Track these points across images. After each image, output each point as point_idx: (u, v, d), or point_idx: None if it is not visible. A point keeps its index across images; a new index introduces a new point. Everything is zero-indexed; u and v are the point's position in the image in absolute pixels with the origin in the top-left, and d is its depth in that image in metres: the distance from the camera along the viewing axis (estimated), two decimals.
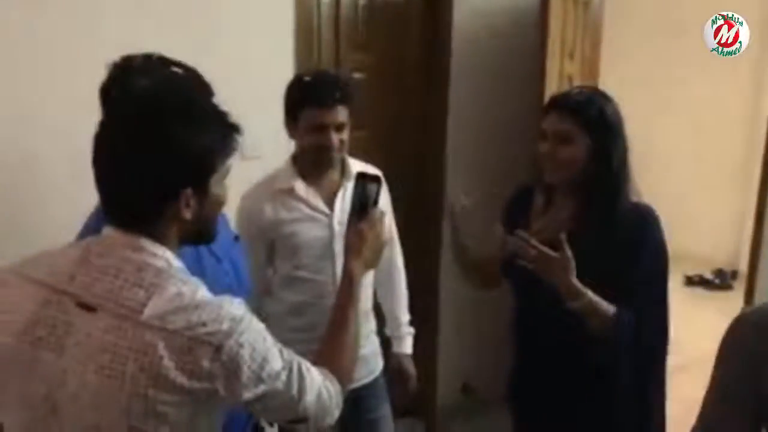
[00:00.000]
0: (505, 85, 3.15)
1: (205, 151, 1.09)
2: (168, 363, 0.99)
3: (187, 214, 1.09)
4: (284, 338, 1.97)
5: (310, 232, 1.98)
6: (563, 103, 1.75)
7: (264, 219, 1.97)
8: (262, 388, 1.07)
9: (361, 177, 1.57)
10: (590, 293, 1.63)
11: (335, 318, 1.35)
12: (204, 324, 1.02)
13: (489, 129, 3.17)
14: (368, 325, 2.15)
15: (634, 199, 1.76)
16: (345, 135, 1.94)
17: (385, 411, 2.23)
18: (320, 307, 1.94)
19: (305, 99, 1.90)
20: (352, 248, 1.45)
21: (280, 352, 1.13)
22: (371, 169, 2.11)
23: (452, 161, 3.12)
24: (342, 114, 1.91)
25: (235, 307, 1.07)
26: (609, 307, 1.64)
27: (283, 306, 2.06)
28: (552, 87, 2.76)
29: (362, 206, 1.52)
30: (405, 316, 2.27)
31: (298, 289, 2.01)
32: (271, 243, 2.01)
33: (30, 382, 1.05)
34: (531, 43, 2.94)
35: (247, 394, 1.06)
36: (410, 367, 2.28)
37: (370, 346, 2.17)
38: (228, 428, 1.24)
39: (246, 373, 1.04)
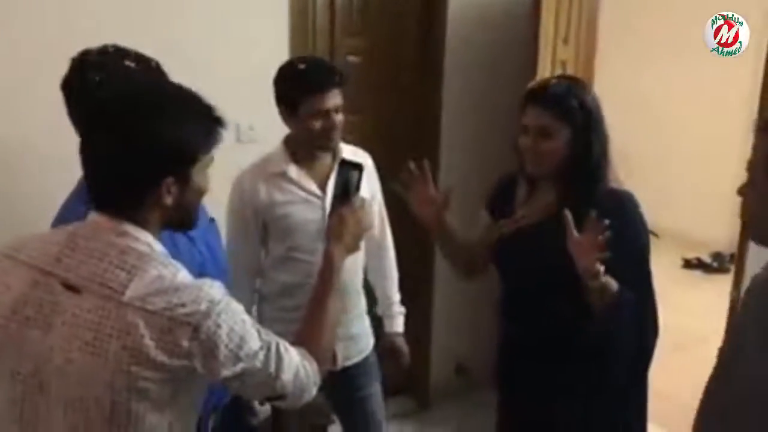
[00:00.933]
0: (499, 71, 3.16)
1: (184, 142, 1.14)
2: (149, 342, 1.05)
3: (168, 201, 1.14)
4: (276, 318, 2.05)
5: (303, 214, 2.02)
6: (542, 97, 1.76)
7: (258, 201, 2.02)
8: (240, 366, 1.12)
9: (344, 164, 1.62)
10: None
11: (314, 300, 1.40)
12: (183, 305, 1.07)
13: (483, 113, 3.19)
14: (359, 305, 2.20)
15: (614, 185, 1.78)
16: (340, 116, 1.99)
17: (376, 389, 2.28)
18: (310, 288, 1.97)
19: (305, 86, 1.93)
20: (333, 233, 1.50)
21: (258, 332, 1.17)
22: (360, 154, 2.15)
23: (446, 145, 3.15)
24: (339, 96, 1.97)
25: (214, 289, 1.12)
26: (615, 285, 1.66)
27: (275, 286, 2.10)
28: (545, 74, 2.77)
29: (344, 193, 1.56)
30: (396, 296, 2.33)
31: (291, 270, 2.05)
32: (264, 224, 2.06)
33: (19, 359, 1.12)
34: (526, 29, 2.95)
35: (225, 372, 1.11)
36: (402, 346, 2.34)
37: (360, 325, 2.22)
38: (206, 404, 1.30)
39: (223, 352, 1.10)
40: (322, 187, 2.03)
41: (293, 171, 2.02)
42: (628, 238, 1.70)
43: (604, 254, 1.58)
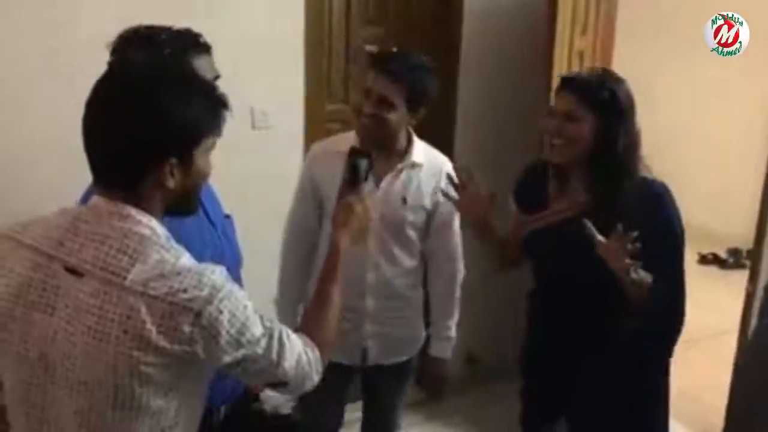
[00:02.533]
0: (515, 61, 3.15)
1: (191, 122, 1.12)
2: (150, 327, 1.05)
3: (171, 184, 1.12)
4: None
5: None
6: (573, 84, 1.78)
7: (317, 176, 2.02)
8: (241, 353, 1.12)
9: (353, 151, 1.60)
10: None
11: (318, 288, 1.40)
12: (185, 290, 1.07)
13: (498, 102, 3.18)
14: (403, 309, 2.13)
15: (646, 175, 1.80)
16: (389, 114, 1.88)
17: (403, 393, 2.27)
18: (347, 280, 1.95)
19: (372, 63, 1.93)
20: (339, 221, 1.49)
21: (261, 318, 1.17)
22: (438, 162, 2.07)
23: (461, 133, 3.14)
24: (390, 89, 1.87)
25: (216, 275, 1.11)
26: (649, 278, 1.69)
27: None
28: (561, 64, 2.75)
29: (352, 180, 1.56)
30: (452, 320, 2.21)
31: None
32: (321, 202, 2.03)
33: (25, 342, 1.12)
34: (542, 18, 2.92)
35: (227, 358, 1.11)
36: (446, 374, 2.25)
37: (404, 330, 2.15)
38: (215, 390, 1.30)
39: (225, 338, 1.09)
40: (378, 180, 1.95)
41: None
42: (662, 228, 1.74)
43: (634, 251, 1.61)
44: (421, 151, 2.03)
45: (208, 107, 1.15)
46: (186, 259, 1.12)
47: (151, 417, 1.11)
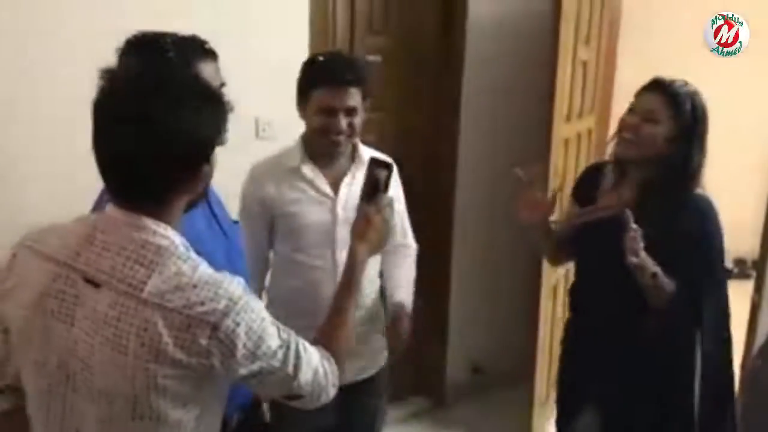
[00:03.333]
0: (519, 71, 3.16)
1: (216, 131, 1.13)
2: (167, 339, 1.05)
3: (201, 187, 1.15)
4: (282, 323, 2.00)
5: (312, 215, 1.93)
6: (663, 87, 1.82)
7: (267, 195, 1.94)
8: (257, 365, 1.12)
9: (373, 162, 1.58)
10: (659, 272, 1.73)
11: (336, 299, 1.39)
12: (202, 303, 1.06)
13: (502, 111, 3.19)
14: (375, 320, 2.08)
15: (699, 191, 1.85)
16: (357, 119, 1.88)
17: (382, 403, 2.22)
18: (315, 295, 1.89)
19: (316, 79, 1.85)
20: (358, 231, 1.47)
21: (278, 330, 1.16)
22: (383, 157, 2.11)
23: (465, 142, 3.14)
24: (354, 98, 1.85)
25: (234, 286, 1.10)
26: (670, 284, 1.74)
27: (281, 290, 2.02)
28: (565, 72, 2.75)
29: (372, 191, 1.54)
30: (408, 279, 2.13)
31: (297, 274, 1.97)
32: (272, 221, 1.98)
33: (45, 351, 1.13)
34: (546, 28, 2.93)
35: (243, 371, 1.11)
36: (404, 317, 2.04)
37: (377, 341, 2.09)
38: (230, 398, 1.28)
39: (241, 351, 1.08)
40: (335, 188, 1.94)
41: (307, 168, 1.94)
42: (705, 242, 1.79)
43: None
44: (364, 148, 2.00)
45: (218, 110, 1.16)
46: (203, 269, 1.11)
47: (171, 428, 1.11)
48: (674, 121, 1.78)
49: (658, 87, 1.83)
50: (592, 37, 3.03)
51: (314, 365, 1.21)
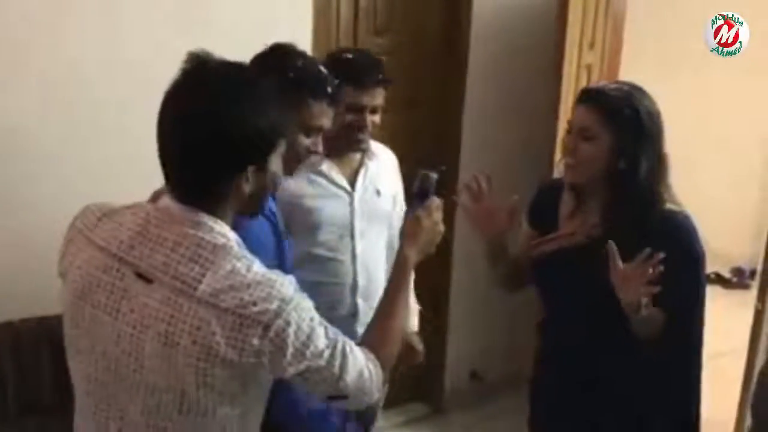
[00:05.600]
0: (524, 73, 3.14)
1: (267, 129, 1.13)
2: (219, 339, 1.06)
3: (247, 190, 1.13)
4: None
5: (330, 209, 1.97)
6: (592, 97, 1.64)
7: (285, 191, 1.91)
8: (305, 364, 1.12)
9: (422, 167, 1.60)
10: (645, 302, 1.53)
11: (385, 302, 1.38)
12: (255, 303, 1.07)
13: (506, 115, 3.17)
14: None
15: (671, 206, 1.65)
16: (377, 117, 1.94)
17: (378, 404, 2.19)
18: (337, 288, 1.96)
19: (346, 76, 1.84)
20: (408, 235, 1.47)
21: (326, 330, 1.16)
22: (386, 151, 2.13)
23: (468, 146, 3.12)
24: (380, 97, 1.91)
25: (286, 286, 1.11)
26: (660, 317, 1.57)
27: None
28: (570, 77, 2.75)
29: (422, 195, 1.54)
30: (412, 296, 2.22)
31: (315, 268, 1.98)
32: (289, 215, 1.96)
33: (91, 339, 1.14)
34: (551, 32, 2.92)
35: (291, 369, 1.11)
36: (417, 343, 2.24)
37: None
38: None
39: (290, 351, 1.09)
40: (352, 182, 2.00)
41: (325, 164, 1.96)
42: (679, 264, 1.55)
43: (652, 289, 1.47)
44: (372, 141, 2.06)
45: (278, 111, 1.15)
46: (257, 268, 1.11)
47: (218, 423, 1.12)
48: (613, 134, 1.58)
49: (587, 99, 1.64)
50: (597, 42, 3.02)
51: (360, 367, 1.20)
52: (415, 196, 1.56)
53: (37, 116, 2.09)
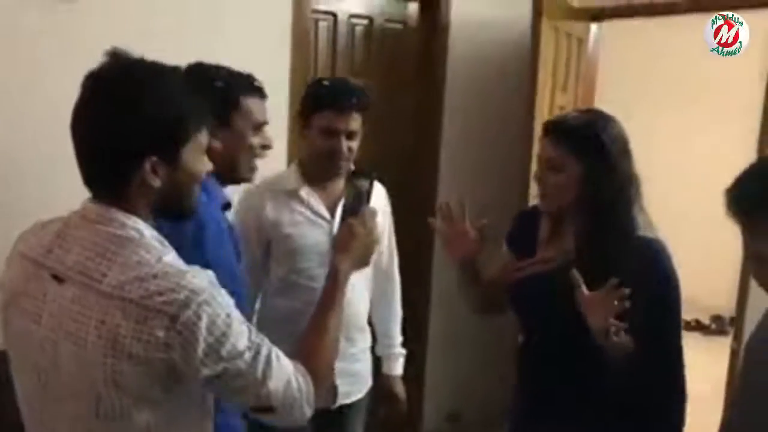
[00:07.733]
0: (498, 111, 3.21)
1: (174, 120, 1.08)
2: (124, 332, 1.00)
3: (156, 183, 1.08)
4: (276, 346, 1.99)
5: (309, 237, 1.96)
6: (556, 129, 1.66)
7: (264, 218, 1.95)
8: (221, 366, 1.04)
9: (355, 174, 1.56)
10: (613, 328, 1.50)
11: (316, 315, 1.29)
12: (160, 293, 1.01)
13: (481, 154, 3.23)
14: (362, 341, 2.11)
15: (644, 233, 1.64)
16: (355, 143, 1.93)
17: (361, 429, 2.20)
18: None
19: (321, 102, 1.89)
20: (340, 245, 1.39)
21: (249, 331, 1.09)
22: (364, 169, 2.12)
23: (445, 179, 3.16)
24: (355, 122, 1.91)
25: (199, 278, 1.04)
26: (629, 344, 1.53)
27: (275, 312, 2.00)
28: (543, 115, 2.80)
29: (355, 203, 1.49)
30: (398, 336, 2.23)
31: (292, 295, 1.96)
32: (268, 244, 1.98)
33: (23, 352, 1.11)
34: (525, 74, 2.99)
35: (206, 371, 1.03)
36: (401, 391, 2.23)
37: (363, 363, 2.12)
38: None
39: (202, 347, 1.01)
40: (332, 211, 1.97)
41: (304, 191, 1.97)
42: (653, 291, 1.55)
43: (619, 325, 1.47)
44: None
45: (191, 104, 1.11)
46: (168, 260, 1.06)
47: (139, 430, 1.05)
48: (580, 162, 1.59)
49: (551, 131, 1.65)
50: (569, 87, 3.09)
51: (286, 377, 1.11)
52: (348, 204, 1.51)
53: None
